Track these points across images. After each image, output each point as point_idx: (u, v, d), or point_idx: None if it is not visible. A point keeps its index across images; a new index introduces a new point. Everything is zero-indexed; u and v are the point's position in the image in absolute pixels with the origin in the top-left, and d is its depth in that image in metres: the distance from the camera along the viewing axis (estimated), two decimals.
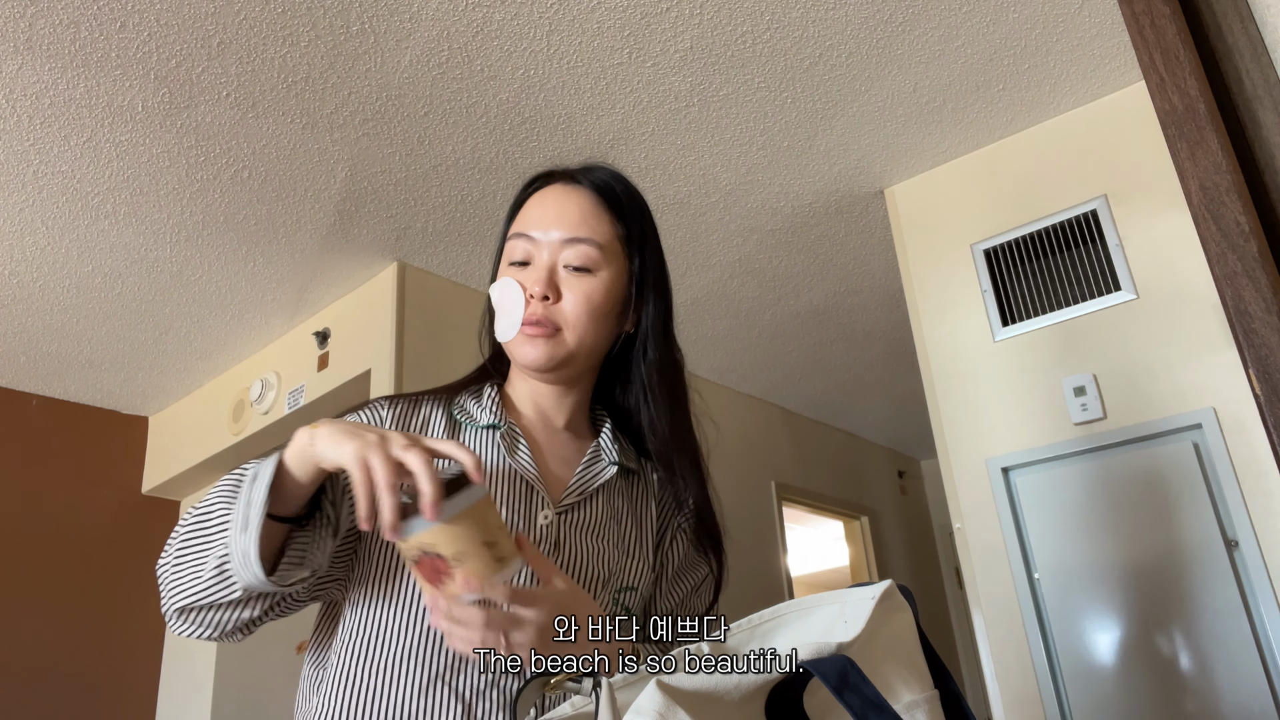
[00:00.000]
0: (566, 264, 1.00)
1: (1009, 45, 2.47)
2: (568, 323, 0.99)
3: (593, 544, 0.99)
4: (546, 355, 0.99)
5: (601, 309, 1.01)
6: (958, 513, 2.64)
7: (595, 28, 2.29)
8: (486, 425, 1.02)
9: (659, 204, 3.04)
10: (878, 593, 0.72)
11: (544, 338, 0.99)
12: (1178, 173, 0.87)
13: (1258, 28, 0.90)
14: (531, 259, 1.02)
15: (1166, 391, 2.37)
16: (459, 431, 1.03)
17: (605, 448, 1.07)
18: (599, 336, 1.02)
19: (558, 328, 0.99)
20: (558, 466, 1.04)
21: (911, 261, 2.94)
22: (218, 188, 2.77)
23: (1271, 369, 0.78)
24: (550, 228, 1.02)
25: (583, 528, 0.99)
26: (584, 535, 0.99)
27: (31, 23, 2.14)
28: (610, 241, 1.03)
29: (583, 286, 1.00)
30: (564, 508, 0.99)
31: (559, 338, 0.99)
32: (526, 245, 1.02)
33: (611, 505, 1.04)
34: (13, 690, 3.65)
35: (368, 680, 0.89)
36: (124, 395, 4.12)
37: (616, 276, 1.03)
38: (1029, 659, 2.39)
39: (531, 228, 1.03)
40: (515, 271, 1.02)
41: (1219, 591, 2.17)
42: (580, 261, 1.00)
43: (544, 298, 0.99)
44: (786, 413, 4.98)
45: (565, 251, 1.00)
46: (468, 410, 1.04)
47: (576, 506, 1.00)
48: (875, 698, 0.58)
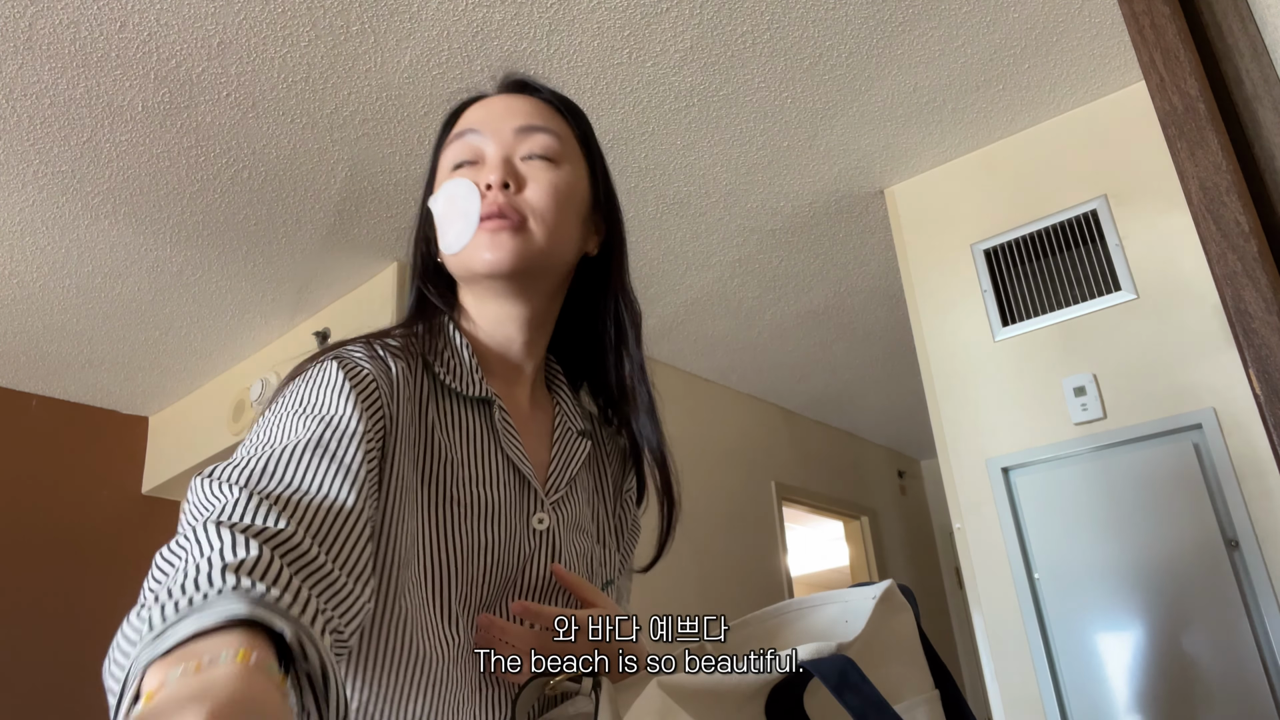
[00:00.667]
0: (525, 155, 0.86)
1: (1009, 45, 2.47)
2: (535, 212, 0.83)
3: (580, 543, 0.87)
4: (515, 252, 0.82)
5: (568, 201, 0.86)
6: (958, 513, 2.64)
7: (595, 28, 2.29)
8: (478, 398, 0.85)
9: (659, 204, 3.04)
10: (878, 593, 0.72)
11: (510, 230, 0.82)
12: (1178, 173, 0.87)
13: (1258, 27, 0.90)
14: (481, 156, 0.86)
15: (1166, 391, 2.37)
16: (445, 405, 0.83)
17: (569, 411, 0.93)
18: (568, 237, 0.86)
19: (523, 218, 0.83)
20: (534, 446, 0.88)
21: (911, 261, 2.94)
22: (218, 188, 2.77)
23: (1271, 369, 0.78)
24: (500, 120, 0.88)
25: (569, 524, 0.86)
26: (571, 534, 0.86)
27: (31, 23, 2.14)
28: (568, 137, 0.90)
29: (547, 174, 0.85)
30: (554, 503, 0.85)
31: (527, 231, 0.83)
32: (473, 141, 0.87)
33: (584, 482, 0.91)
34: (13, 690, 3.65)
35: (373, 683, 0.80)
36: (124, 395, 4.12)
37: (579, 175, 0.90)
38: (1029, 659, 2.39)
39: (477, 124, 0.88)
40: (462, 172, 0.86)
41: (1219, 591, 2.17)
42: (541, 150, 0.86)
43: (504, 185, 0.83)
44: (786, 413, 4.98)
45: (522, 144, 0.86)
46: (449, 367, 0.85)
47: (564, 499, 0.87)
48: (875, 698, 0.58)
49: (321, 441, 0.68)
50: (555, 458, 0.88)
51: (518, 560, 0.80)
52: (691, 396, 4.33)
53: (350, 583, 0.62)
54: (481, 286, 0.86)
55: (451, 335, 0.87)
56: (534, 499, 0.84)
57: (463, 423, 0.83)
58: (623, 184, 2.91)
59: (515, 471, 0.83)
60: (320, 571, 0.60)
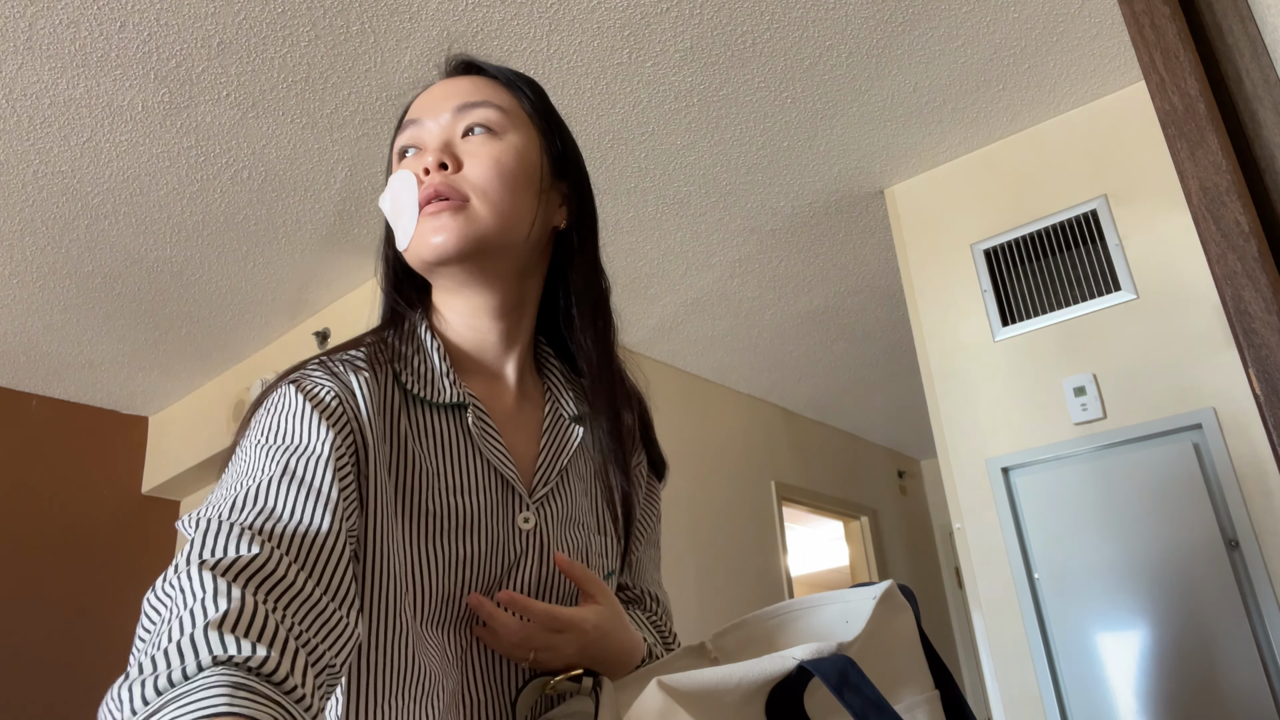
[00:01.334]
0: (464, 130, 0.83)
1: (1009, 45, 2.47)
2: (476, 188, 0.80)
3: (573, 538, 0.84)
4: (457, 234, 0.78)
5: (515, 173, 0.81)
6: (958, 513, 2.64)
7: (595, 28, 2.29)
8: (449, 404, 0.81)
9: (659, 204, 3.04)
10: (879, 593, 0.72)
11: (450, 211, 0.78)
12: (1178, 173, 0.87)
13: (1258, 27, 0.90)
14: (421, 143, 0.84)
15: (1166, 391, 2.37)
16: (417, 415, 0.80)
17: (561, 399, 0.90)
18: (517, 209, 0.81)
19: (465, 197, 0.79)
20: (521, 439, 0.85)
21: (911, 261, 2.94)
22: (218, 188, 2.77)
23: (1271, 369, 0.78)
24: (438, 103, 0.84)
25: (561, 518, 0.83)
26: (564, 529, 0.83)
27: (31, 23, 2.14)
28: (513, 107, 0.86)
29: (488, 148, 0.81)
30: (540, 500, 0.83)
31: (469, 210, 0.79)
32: (412, 131, 0.84)
33: (578, 471, 0.88)
34: (13, 690, 3.65)
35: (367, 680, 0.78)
36: (124, 395, 4.12)
37: (527, 143, 0.85)
38: (1029, 659, 2.39)
39: (417, 111, 0.86)
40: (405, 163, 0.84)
41: (1219, 591, 2.17)
42: (480, 120, 0.83)
43: (441, 166, 0.80)
44: (786, 413, 4.98)
45: (459, 120, 0.83)
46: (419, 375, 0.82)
47: (552, 493, 0.84)
48: (876, 698, 0.58)
49: (290, 470, 0.67)
50: (544, 449, 0.85)
51: (503, 564, 0.78)
52: (691, 396, 4.33)
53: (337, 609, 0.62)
54: (441, 277, 0.83)
55: (423, 338, 0.84)
56: (517, 500, 0.81)
57: (437, 431, 0.80)
58: (623, 184, 2.91)
59: (496, 474, 0.81)
60: (308, 602, 0.59)
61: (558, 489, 0.84)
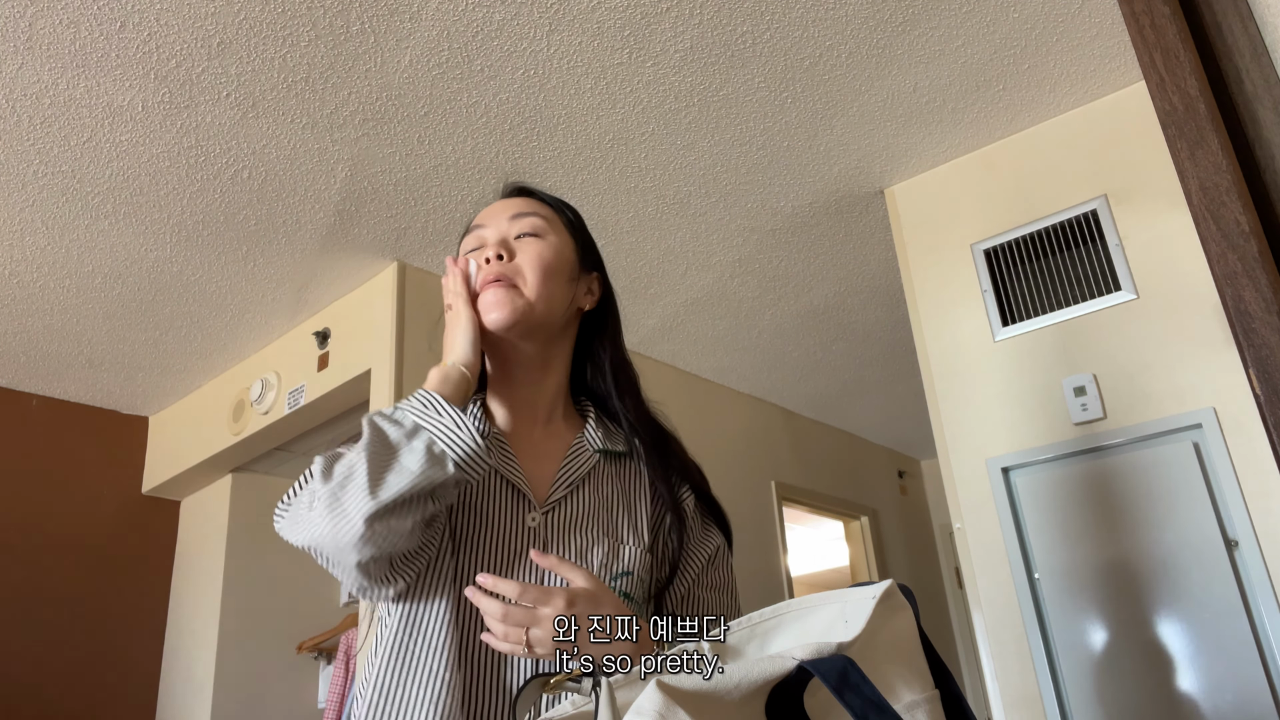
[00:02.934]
0: (516, 234, 1.11)
1: (1009, 45, 2.47)
2: (522, 276, 1.08)
3: (581, 538, 1.02)
4: (509, 307, 1.05)
5: (553, 266, 1.09)
6: (958, 513, 2.64)
7: (595, 28, 2.29)
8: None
9: (659, 204, 3.04)
10: (878, 592, 0.72)
11: (504, 289, 1.06)
12: (1178, 173, 0.87)
13: (1258, 27, 0.90)
14: (484, 241, 1.12)
15: (1166, 391, 2.37)
16: None
17: (590, 435, 1.12)
18: (555, 293, 1.09)
19: (514, 282, 1.07)
20: (544, 464, 1.08)
21: (911, 261, 2.94)
22: (218, 188, 2.77)
23: (1271, 369, 0.78)
24: (499, 212, 1.14)
25: (570, 523, 1.03)
26: (572, 531, 1.02)
27: (31, 23, 2.14)
28: (552, 216, 1.15)
29: (533, 247, 1.10)
30: (550, 505, 1.03)
31: (516, 291, 1.07)
32: (478, 233, 1.13)
33: (600, 493, 1.08)
34: (12, 690, 3.65)
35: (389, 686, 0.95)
36: (124, 395, 4.12)
37: (564, 244, 1.13)
38: (1029, 659, 2.39)
39: (481, 220, 1.15)
40: (472, 255, 1.11)
41: (1219, 591, 2.17)
42: (528, 228, 1.11)
43: (498, 256, 1.08)
44: (786, 413, 4.98)
45: (513, 226, 1.11)
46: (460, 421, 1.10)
47: (563, 501, 1.04)
48: (876, 698, 0.58)
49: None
50: (562, 470, 1.07)
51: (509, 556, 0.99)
52: (691, 396, 4.33)
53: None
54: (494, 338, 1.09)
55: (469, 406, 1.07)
56: (527, 504, 1.03)
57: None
58: (623, 184, 2.92)
59: (508, 484, 1.03)
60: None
61: (568, 499, 1.05)
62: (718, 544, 1.12)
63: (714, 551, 1.11)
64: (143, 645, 4.08)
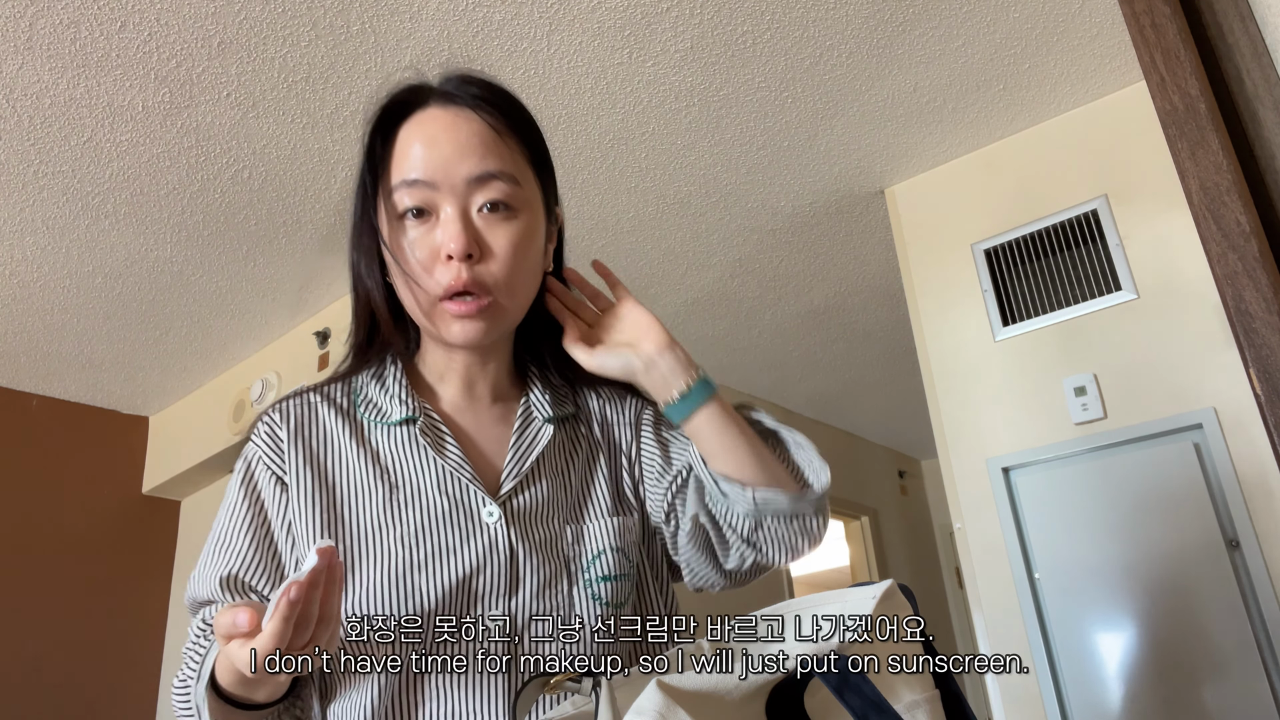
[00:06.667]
0: (481, 206, 0.83)
1: (1009, 45, 2.47)
2: (499, 284, 0.83)
3: (546, 530, 0.86)
4: (486, 331, 0.84)
5: (533, 258, 0.86)
6: (958, 513, 2.64)
7: (595, 28, 2.29)
8: (400, 420, 0.89)
9: (659, 204, 3.04)
10: (879, 592, 0.72)
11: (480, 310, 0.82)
12: (1178, 172, 0.87)
13: (1258, 27, 0.90)
14: (433, 207, 0.83)
15: (1166, 391, 2.36)
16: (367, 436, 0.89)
17: (536, 403, 0.94)
18: (530, 288, 0.88)
19: (492, 295, 0.82)
20: (492, 448, 0.90)
21: (911, 261, 2.94)
22: (218, 188, 2.77)
23: (1272, 369, 0.78)
24: (450, 165, 0.83)
25: (533, 513, 0.87)
26: (536, 523, 0.86)
27: (31, 23, 2.14)
28: (523, 171, 0.87)
29: (508, 234, 0.83)
30: (506, 497, 0.86)
31: (494, 307, 0.83)
32: (424, 194, 0.83)
33: (554, 468, 0.91)
34: (12, 690, 3.65)
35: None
36: (124, 395, 4.12)
37: (536, 212, 0.87)
38: (1029, 659, 2.39)
39: (423, 170, 0.83)
40: (414, 227, 0.83)
41: (1219, 591, 2.17)
42: (498, 197, 0.83)
43: (466, 256, 0.81)
44: (786, 413, 4.98)
45: (476, 194, 0.83)
46: (374, 402, 0.91)
47: (520, 489, 0.87)
48: (876, 698, 0.58)
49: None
50: (512, 453, 0.89)
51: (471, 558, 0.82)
52: None
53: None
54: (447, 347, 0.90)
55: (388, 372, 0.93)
56: (478, 499, 0.85)
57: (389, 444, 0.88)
58: (623, 184, 2.91)
59: (454, 476, 0.86)
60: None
61: (526, 484, 0.88)
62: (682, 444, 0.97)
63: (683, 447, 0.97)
64: (143, 645, 4.08)
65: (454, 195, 0.82)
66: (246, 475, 0.90)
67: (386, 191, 0.85)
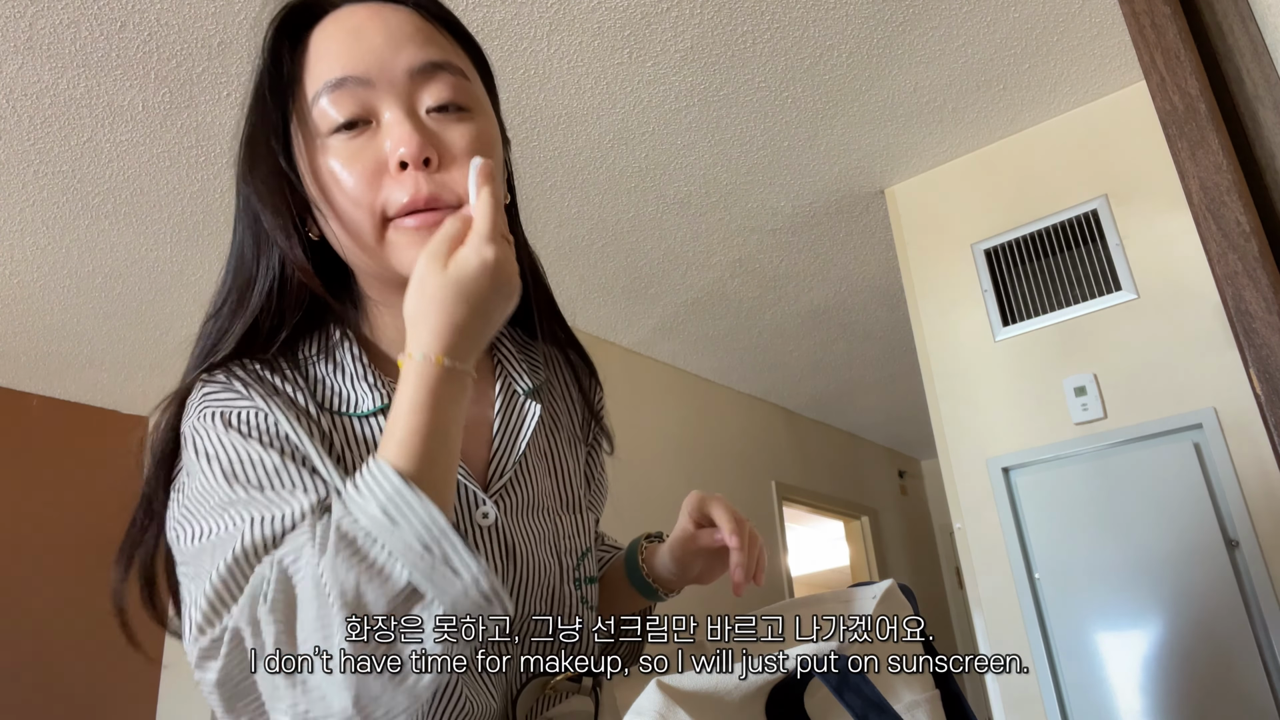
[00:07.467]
0: (429, 107, 0.68)
1: (1009, 45, 2.47)
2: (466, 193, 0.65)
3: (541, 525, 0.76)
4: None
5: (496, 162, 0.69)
6: (958, 513, 2.64)
7: (595, 28, 2.29)
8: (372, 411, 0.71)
9: (659, 204, 3.04)
10: (879, 592, 0.72)
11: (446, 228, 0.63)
12: (1178, 172, 0.87)
13: (1258, 27, 0.90)
14: (370, 112, 0.66)
15: (1166, 391, 2.37)
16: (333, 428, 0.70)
17: (514, 375, 0.80)
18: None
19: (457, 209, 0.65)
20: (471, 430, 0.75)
21: (912, 261, 2.94)
22: (218, 188, 2.77)
23: (1272, 369, 0.78)
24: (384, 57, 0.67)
25: (526, 508, 0.76)
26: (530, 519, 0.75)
27: (31, 23, 2.14)
28: (469, 67, 0.72)
29: (467, 135, 0.68)
30: (499, 492, 0.74)
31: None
32: (359, 94, 0.66)
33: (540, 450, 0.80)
34: (11, 691, 3.65)
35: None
36: (124, 395, 4.12)
37: (491, 118, 0.73)
38: (1029, 659, 2.39)
39: (352, 64, 0.66)
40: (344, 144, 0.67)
41: (1219, 591, 2.17)
42: (450, 98, 0.68)
43: (424, 163, 0.65)
44: (786, 413, 4.98)
45: (422, 92, 0.67)
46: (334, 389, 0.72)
47: (513, 482, 0.75)
48: (876, 698, 0.58)
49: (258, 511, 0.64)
50: (498, 435, 0.76)
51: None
52: (691, 396, 4.33)
53: None
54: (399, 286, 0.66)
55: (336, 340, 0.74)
56: (471, 497, 0.72)
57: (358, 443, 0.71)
58: (622, 184, 2.91)
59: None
60: None
61: (518, 476, 0.76)
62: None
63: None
64: (143, 645, 4.07)
65: (395, 92, 0.67)
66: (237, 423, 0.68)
67: (302, 110, 0.68)
